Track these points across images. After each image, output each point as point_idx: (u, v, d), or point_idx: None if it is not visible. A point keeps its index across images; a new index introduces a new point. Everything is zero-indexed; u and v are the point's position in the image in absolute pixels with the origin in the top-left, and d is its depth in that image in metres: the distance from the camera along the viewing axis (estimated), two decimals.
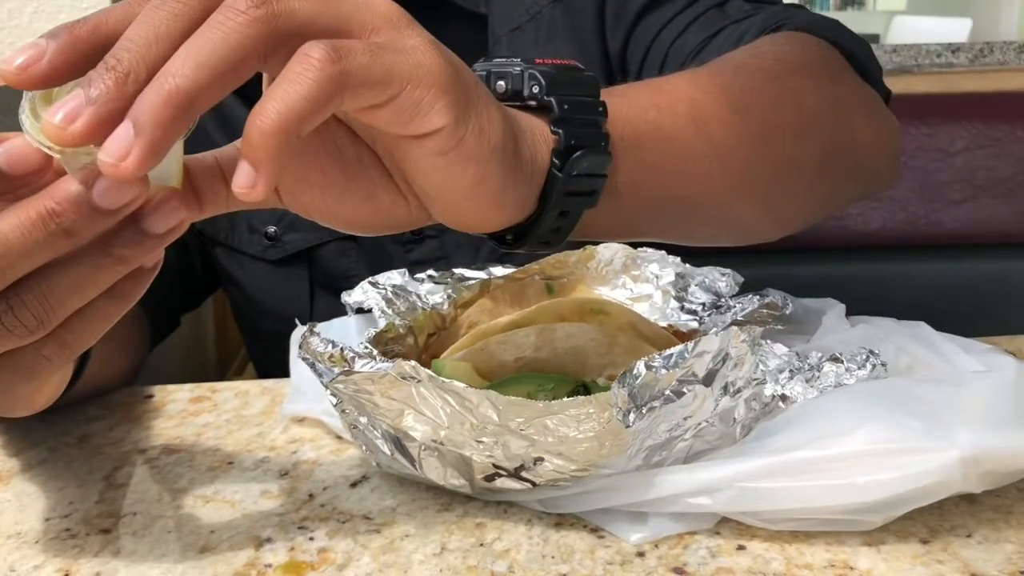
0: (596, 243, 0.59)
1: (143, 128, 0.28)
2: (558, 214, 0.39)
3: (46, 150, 0.30)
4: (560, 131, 0.38)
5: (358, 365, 0.42)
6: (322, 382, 0.43)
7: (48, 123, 0.28)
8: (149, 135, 0.28)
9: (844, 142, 0.55)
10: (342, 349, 0.44)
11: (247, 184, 0.29)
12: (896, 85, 0.68)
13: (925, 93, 1.10)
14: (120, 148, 0.28)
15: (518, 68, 0.40)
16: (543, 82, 0.39)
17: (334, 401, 0.45)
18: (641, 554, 0.41)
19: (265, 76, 0.33)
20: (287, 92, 0.29)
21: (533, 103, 0.39)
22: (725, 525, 0.42)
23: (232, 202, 0.35)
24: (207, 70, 0.28)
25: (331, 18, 0.31)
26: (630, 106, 0.42)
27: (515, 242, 0.40)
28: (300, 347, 0.44)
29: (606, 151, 0.39)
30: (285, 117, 0.29)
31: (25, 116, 0.30)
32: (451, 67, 0.33)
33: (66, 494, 0.48)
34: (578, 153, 0.38)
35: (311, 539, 0.43)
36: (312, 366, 0.44)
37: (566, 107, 0.39)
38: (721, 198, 0.48)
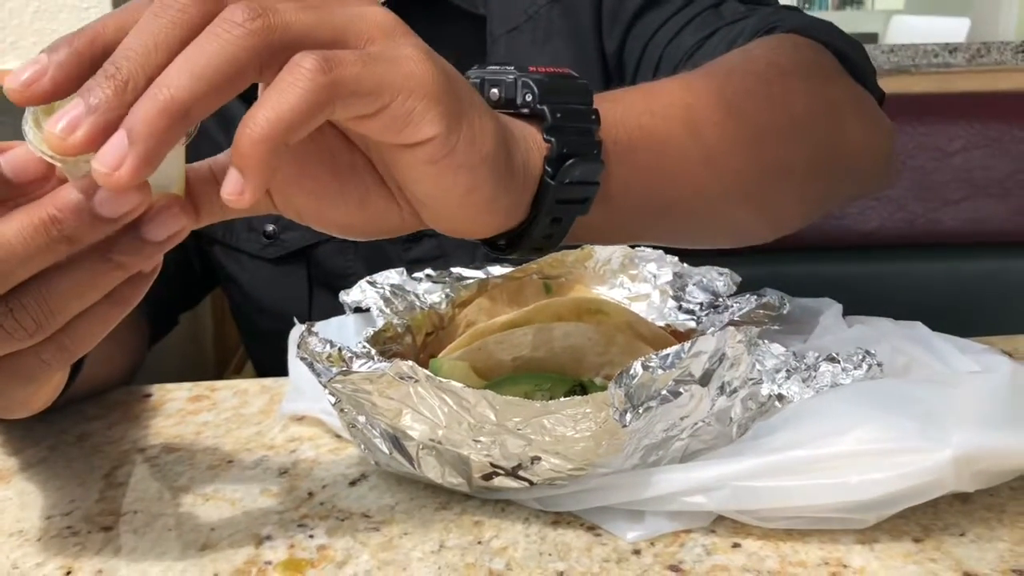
0: None
1: (137, 137, 0.28)
2: (550, 221, 0.40)
3: (48, 159, 0.30)
4: (552, 139, 0.38)
5: (356, 365, 0.42)
6: (320, 382, 0.44)
7: (49, 133, 0.28)
8: (143, 144, 0.28)
9: (836, 144, 0.55)
10: (340, 349, 0.44)
11: (235, 191, 0.29)
12: (894, 85, 0.68)
13: (923, 93, 1.11)
14: (114, 157, 0.28)
15: (511, 76, 0.40)
16: (536, 90, 0.39)
17: (332, 400, 0.45)
18: (637, 552, 0.41)
19: (261, 85, 0.33)
20: (278, 101, 0.29)
21: (526, 111, 0.39)
22: (721, 523, 0.42)
23: (228, 210, 0.36)
24: (202, 81, 0.29)
25: (326, 30, 0.31)
26: (623, 111, 0.43)
27: (508, 247, 0.41)
28: (299, 347, 0.44)
29: (598, 159, 0.40)
30: (275, 125, 0.29)
31: (28, 127, 0.31)
32: (444, 77, 0.33)
33: (67, 492, 0.49)
34: (570, 161, 0.38)
35: (311, 537, 0.43)
36: (310, 366, 0.44)
37: (559, 115, 0.39)
38: (714, 202, 0.48)
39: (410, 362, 0.40)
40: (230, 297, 0.81)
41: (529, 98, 0.39)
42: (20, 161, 0.31)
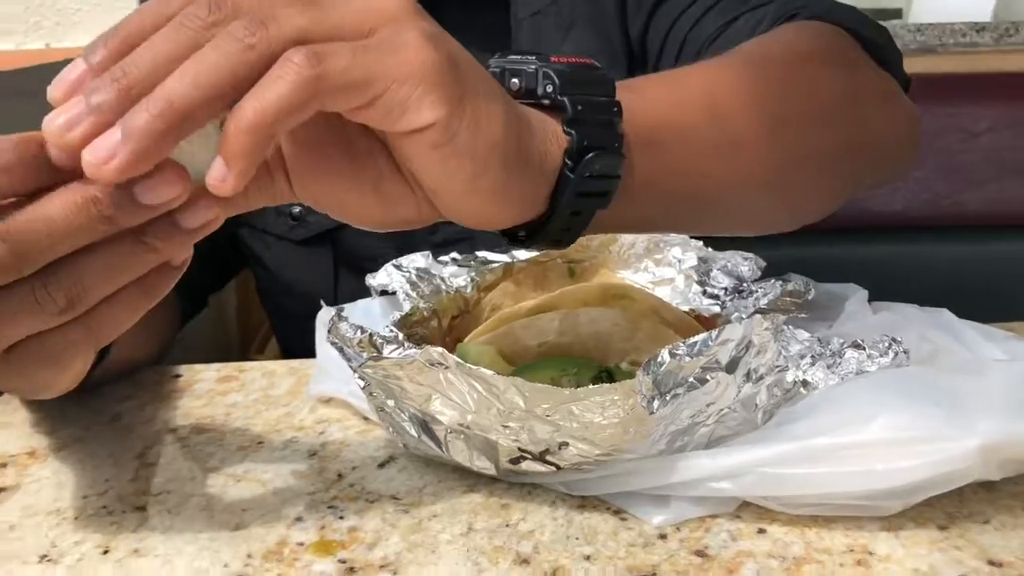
0: None
1: (131, 136, 0.29)
2: (570, 214, 0.39)
3: None
4: (572, 132, 0.38)
5: (387, 351, 0.43)
6: (351, 366, 0.44)
7: (48, 127, 0.30)
8: (135, 144, 0.29)
9: (861, 132, 0.54)
10: (371, 334, 0.44)
11: (219, 178, 0.30)
12: (920, 65, 0.68)
13: (950, 73, 1.09)
14: (105, 152, 0.29)
15: (532, 66, 0.39)
16: (557, 81, 0.39)
17: (362, 384, 0.45)
18: (663, 536, 0.42)
19: None
20: (264, 94, 0.30)
21: (547, 102, 0.39)
22: (746, 509, 0.43)
23: (253, 200, 0.37)
24: (201, 90, 0.29)
25: (324, 30, 0.31)
26: (645, 102, 0.42)
27: (527, 240, 0.41)
28: (329, 332, 0.45)
29: (619, 152, 0.39)
30: (261, 116, 0.30)
31: None
32: (446, 62, 0.33)
33: (102, 472, 0.50)
34: (591, 154, 0.38)
35: (341, 518, 0.44)
36: (341, 350, 0.45)
37: (580, 107, 0.38)
38: (736, 192, 0.48)
39: (440, 349, 0.41)
40: (257, 278, 0.82)
41: (550, 89, 0.39)
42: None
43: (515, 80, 0.40)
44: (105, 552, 0.43)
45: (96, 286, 0.33)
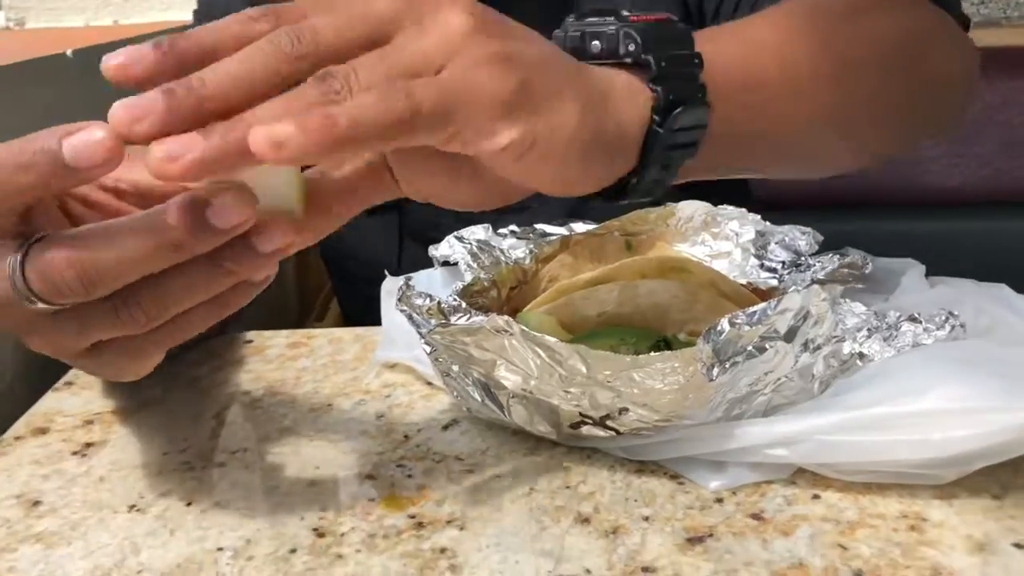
0: (675, 200, 0.61)
1: (207, 148, 0.30)
2: (660, 167, 0.41)
3: None
4: (659, 88, 0.39)
5: (454, 318, 0.45)
6: (419, 332, 0.46)
7: (116, 115, 0.30)
8: (206, 154, 0.30)
9: (921, 72, 0.56)
10: (439, 302, 0.46)
11: (273, 141, 0.29)
12: (985, 38, 0.67)
13: (1013, 46, 1.07)
14: (175, 150, 0.29)
15: (612, 27, 0.40)
16: (639, 40, 0.40)
17: (428, 350, 0.47)
18: (720, 500, 0.43)
19: None
20: (365, 109, 0.31)
21: (629, 61, 0.40)
22: (801, 475, 0.44)
23: (364, 199, 0.39)
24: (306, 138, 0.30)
25: (405, 76, 0.33)
26: (720, 54, 0.44)
27: (617, 196, 0.42)
28: (399, 300, 0.47)
29: (704, 102, 0.41)
30: (353, 127, 0.30)
31: None
32: (515, 83, 0.34)
33: (181, 431, 0.52)
34: (679, 109, 0.39)
35: (409, 476, 0.46)
36: (409, 317, 0.47)
37: (663, 64, 0.40)
38: (805, 136, 0.49)
39: (506, 317, 0.42)
40: (322, 244, 0.84)
41: (632, 48, 0.40)
42: (82, 147, 0.31)
43: (596, 43, 0.41)
44: (189, 504, 0.45)
45: (175, 304, 0.35)
